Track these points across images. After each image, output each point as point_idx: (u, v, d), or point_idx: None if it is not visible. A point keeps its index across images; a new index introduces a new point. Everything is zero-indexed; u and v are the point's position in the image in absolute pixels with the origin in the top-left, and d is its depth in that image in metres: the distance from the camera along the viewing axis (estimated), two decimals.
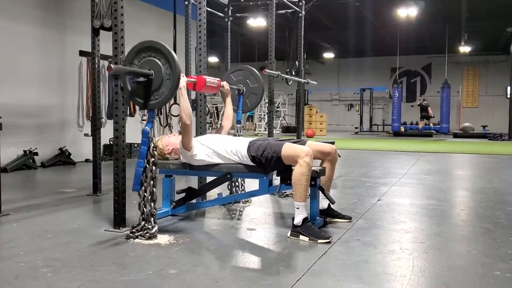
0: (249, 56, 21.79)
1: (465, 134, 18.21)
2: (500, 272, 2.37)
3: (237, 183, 4.30)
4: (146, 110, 3.04)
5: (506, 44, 18.11)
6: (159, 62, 2.90)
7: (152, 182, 2.97)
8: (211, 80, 3.55)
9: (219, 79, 3.75)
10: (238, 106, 4.29)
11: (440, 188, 5.24)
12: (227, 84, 3.95)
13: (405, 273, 2.36)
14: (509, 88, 17.27)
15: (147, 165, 2.95)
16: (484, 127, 18.86)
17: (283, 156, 3.05)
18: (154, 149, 2.99)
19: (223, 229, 3.30)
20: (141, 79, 2.93)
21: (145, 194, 2.94)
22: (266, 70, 5.02)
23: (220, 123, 3.96)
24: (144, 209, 2.95)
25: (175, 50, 7.63)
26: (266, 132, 5.26)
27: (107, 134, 5.82)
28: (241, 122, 4.32)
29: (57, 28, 7.25)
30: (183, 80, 3.17)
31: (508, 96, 17.54)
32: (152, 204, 2.97)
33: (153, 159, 2.97)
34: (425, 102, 20.11)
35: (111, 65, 2.75)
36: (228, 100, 3.96)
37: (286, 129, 19.91)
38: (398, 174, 6.35)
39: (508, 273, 2.36)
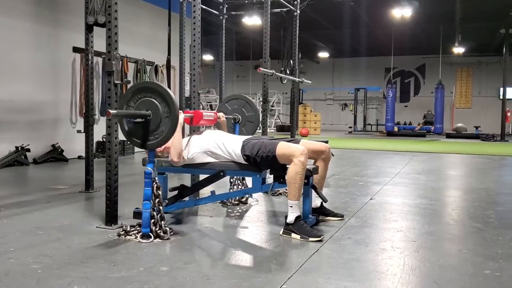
0: (243, 54, 21.79)
1: (458, 134, 18.29)
2: (490, 271, 2.39)
3: (238, 182, 4.29)
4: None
5: (499, 45, 18.20)
6: (155, 102, 2.89)
7: (162, 222, 2.93)
8: (207, 113, 3.59)
9: (215, 111, 3.79)
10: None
11: (432, 188, 5.27)
12: (223, 115, 3.96)
13: (396, 272, 2.37)
14: (501, 89, 17.35)
15: (154, 207, 2.91)
16: (476, 127, 18.95)
17: (277, 155, 3.06)
18: (158, 189, 2.94)
19: (215, 226, 3.30)
20: (139, 120, 2.92)
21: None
22: (261, 68, 5.03)
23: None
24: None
25: (169, 48, 7.68)
26: (260, 131, 5.26)
27: (100, 131, 5.81)
28: None
29: (51, 24, 7.21)
30: (181, 117, 3.17)
31: (501, 97, 17.63)
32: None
33: (158, 200, 2.93)
34: (430, 112, 20.39)
35: (109, 110, 2.74)
36: (225, 126, 3.97)
37: (281, 128, 19.92)
38: (391, 173, 6.37)
39: (497, 272, 2.38)
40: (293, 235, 2.96)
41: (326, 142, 3.66)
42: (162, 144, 2.99)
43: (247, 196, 4.13)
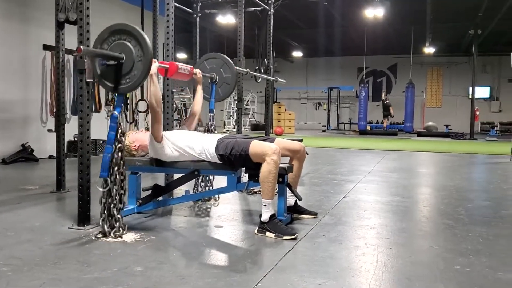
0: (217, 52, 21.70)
1: (428, 133, 18.67)
2: (460, 267, 2.45)
3: (204, 180, 4.27)
4: (115, 94, 2.97)
5: (468, 46, 18.66)
6: (129, 45, 2.83)
7: (119, 168, 2.91)
8: (183, 67, 3.50)
9: (191, 66, 3.70)
10: (210, 95, 4.23)
11: (404, 186, 5.36)
12: (200, 71, 3.91)
13: (370, 268, 2.40)
14: (470, 88, 17.79)
15: (115, 152, 2.89)
16: (447, 126, 19.40)
17: (251, 153, 3.06)
18: (122, 134, 2.94)
19: (190, 226, 3.28)
20: (112, 62, 2.86)
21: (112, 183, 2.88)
22: (235, 67, 5.02)
23: (190, 110, 3.91)
24: (110, 201, 2.89)
25: None
26: (235, 130, 5.26)
27: (71, 130, 5.70)
28: (213, 111, 4.27)
29: (20, 20, 7.04)
30: (155, 66, 3.12)
31: (470, 97, 18.07)
32: (118, 197, 2.91)
33: (120, 145, 2.92)
34: (387, 101, 20.48)
35: (80, 46, 2.67)
36: (199, 87, 3.93)
37: (255, 127, 19.95)
38: (363, 171, 6.46)
39: (467, 267, 2.44)
40: (268, 233, 2.97)
41: (301, 140, 3.68)
42: (133, 89, 2.94)
43: None
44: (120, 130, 2.92)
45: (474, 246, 2.85)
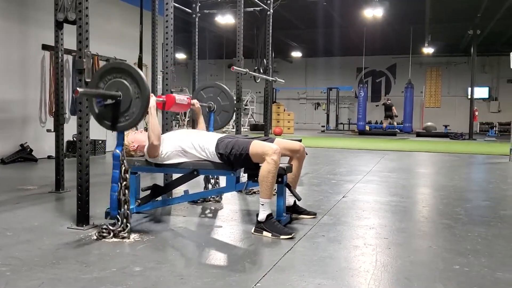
0: (217, 53, 21.73)
1: (427, 133, 18.68)
2: (459, 267, 2.45)
3: (212, 181, 4.26)
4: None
5: (467, 46, 18.66)
6: (126, 82, 2.84)
7: (126, 206, 2.92)
8: (180, 98, 3.52)
9: (189, 96, 3.73)
10: (209, 124, 4.23)
11: (403, 186, 5.36)
12: (197, 102, 3.92)
13: (369, 268, 2.40)
14: (469, 89, 17.80)
15: (121, 189, 2.89)
16: (445, 126, 19.41)
17: (251, 153, 3.05)
18: (126, 172, 2.92)
19: (189, 226, 3.28)
20: (109, 101, 2.86)
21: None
22: (234, 67, 5.02)
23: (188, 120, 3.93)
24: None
25: (141, 46, 7.58)
26: (234, 130, 5.25)
27: (70, 130, 5.70)
28: None
29: (19, 20, 7.04)
30: (153, 100, 3.13)
31: (469, 97, 18.09)
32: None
33: (125, 183, 2.91)
34: (389, 101, 20.49)
35: (78, 88, 2.67)
36: (201, 119, 3.90)
37: (254, 127, 19.94)
38: (362, 171, 6.46)
39: (466, 267, 2.44)
40: (265, 233, 2.97)
41: (300, 141, 3.68)
42: (133, 126, 2.93)
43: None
44: (124, 168, 2.91)
45: (473, 246, 2.85)
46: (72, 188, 4.29)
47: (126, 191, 2.92)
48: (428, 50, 19.01)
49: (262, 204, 3.00)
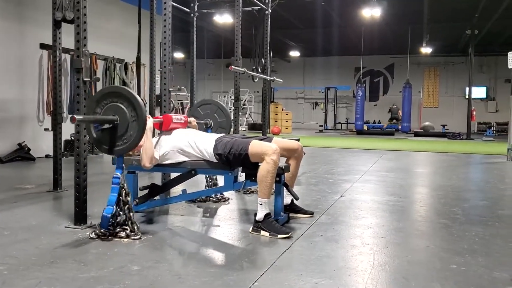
0: (215, 52, 21.72)
1: (425, 133, 18.69)
2: (456, 266, 2.45)
3: (212, 180, 4.26)
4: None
5: (465, 46, 18.69)
6: (122, 106, 2.86)
7: (135, 227, 2.89)
8: (177, 117, 3.53)
9: (185, 115, 3.74)
10: None
11: (400, 185, 5.37)
12: (195, 119, 3.93)
13: (366, 267, 2.41)
14: (467, 89, 17.83)
15: (121, 213, 2.88)
16: (443, 126, 19.42)
17: (250, 153, 3.06)
18: (127, 195, 2.91)
19: (186, 225, 3.28)
20: (106, 125, 2.88)
21: None
22: (233, 66, 5.02)
23: None
24: None
25: (139, 46, 7.58)
26: (232, 129, 5.25)
27: (68, 129, 5.69)
28: None
29: (17, 19, 7.02)
30: (150, 122, 3.14)
31: (466, 97, 18.11)
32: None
33: (127, 206, 2.90)
34: (395, 106, 20.65)
35: (75, 115, 2.67)
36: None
37: (252, 126, 19.94)
38: (360, 171, 6.47)
39: (463, 266, 2.45)
40: (262, 232, 2.97)
41: (298, 140, 3.68)
42: (131, 149, 2.95)
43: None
44: (124, 192, 2.90)
45: (471, 245, 2.86)
46: (69, 187, 4.29)
47: (131, 214, 2.91)
48: (426, 50, 19.04)
49: (261, 204, 3.01)
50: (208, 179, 4.24)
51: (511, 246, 2.89)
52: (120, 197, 2.89)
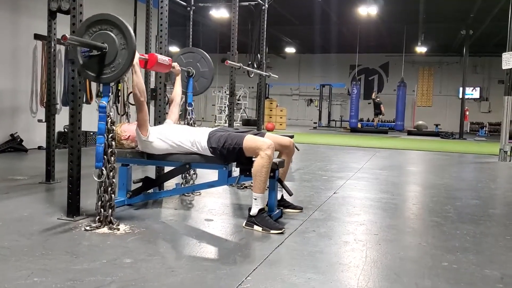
0: (210, 47, 21.61)
1: (418, 132, 18.77)
2: (447, 263, 2.47)
3: (191, 172, 4.24)
4: (101, 84, 2.96)
5: (460, 46, 18.77)
6: (112, 34, 2.83)
7: (112, 158, 2.91)
8: (162, 58, 3.51)
9: (170, 58, 3.71)
10: (187, 89, 4.25)
11: (393, 183, 5.39)
12: (178, 65, 3.94)
13: (359, 264, 2.42)
14: (461, 88, 17.91)
15: (107, 141, 2.89)
16: (437, 125, 19.52)
17: (244, 147, 3.06)
18: (112, 123, 2.93)
19: (180, 219, 3.28)
20: (95, 52, 2.84)
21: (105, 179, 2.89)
22: (228, 61, 5.01)
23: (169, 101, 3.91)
24: (104, 195, 2.89)
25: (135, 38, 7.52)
26: (226, 124, 5.24)
27: (61, 121, 5.66)
28: (192, 105, 4.28)
29: (11, 9, 6.96)
30: (136, 56, 3.11)
31: (460, 97, 18.20)
32: (110, 188, 2.90)
33: (111, 134, 2.92)
34: (378, 99, 20.57)
35: (66, 34, 2.61)
36: (178, 79, 3.97)
37: (247, 122, 19.93)
38: (354, 168, 6.48)
39: (455, 264, 2.46)
40: (255, 227, 2.98)
41: (292, 137, 3.69)
42: (118, 77, 2.91)
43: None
44: (110, 120, 2.91)
45: (462, 243, 2.88)
46: (62, 179, 4.27)
47: (113, 143, 2.94)
48: (421, 49, 19.09)
49: (255, 199, 3.01)
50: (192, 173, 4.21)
51: (501, 245, 2.91)
52: (106, 126, 2.89)
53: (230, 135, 3.14)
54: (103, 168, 2.87)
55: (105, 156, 2.88)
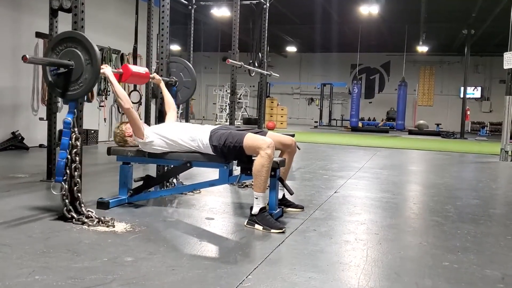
0: (211, 45, 21.65)
1: (419, 131, 18.76)
2: (448, 263, 2.47)
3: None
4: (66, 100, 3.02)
5: (461, 45, 18.72)
6: (76, 51, 2.89)
7: (76, 173, 2.95)
8: (138, 68, 3.52)
9: (146, 69, 3.72)
10: None
11: (394, 182, 5.39)
12: (157, 75, 3.95)
13: (359, 263, 2.42)
14: (462, 88, 17.89)
15: (69, 156, 2.93)
16: (438, 125, 19.51)
17: (245, 146, 3.06)
18: (77, 140, 2.96)
19: (181, 218, 3.28)
20: (62, 70, 2.91)
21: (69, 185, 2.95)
22: (230, 60, 5.00)
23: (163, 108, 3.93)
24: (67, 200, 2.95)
25: (136, 37, 7.54)
26: (227, 123, 5.25)
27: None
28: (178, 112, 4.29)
29: (12, 7, 6.96)
30: (108, 69, 3.21)
31: (461, 96, 18.18)
32: (79, 194, 2.97)
33: (75, 150, 2.95)
34: (393, 109, 20.82)
35: (26, 55, 2.64)
36: (163, 88, 3.96)
37: (247, 121, 19.90)
38: (355, 167, 6.48)
39: (455, 264, 2.46)
40: (256, 226, 2.98)
41: (293, 135, 3.69)
42: (86, 92, 2.98)
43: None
44: (74, 136, 2.95)
45: (463, 243, 2.88)
46: None
47: (77, 158, 2.97)
48: (422, 48, 19.07)
49: (256, 198, 3.01)
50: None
51: (502, 245, 2.91)
52: (70, 141, 2.94)
53: (231, 133, 3.14)
54: (62, 183, 2.91)
55: (68, 171, 2.92)
